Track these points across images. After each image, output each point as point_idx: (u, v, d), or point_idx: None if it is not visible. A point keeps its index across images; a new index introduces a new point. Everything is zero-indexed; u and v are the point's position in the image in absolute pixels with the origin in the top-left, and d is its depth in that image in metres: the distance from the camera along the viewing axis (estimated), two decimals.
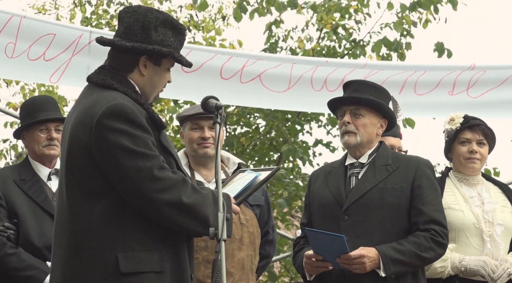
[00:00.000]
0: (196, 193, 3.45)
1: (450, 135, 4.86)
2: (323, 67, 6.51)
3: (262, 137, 11.84)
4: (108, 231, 3.39)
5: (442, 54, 10.78)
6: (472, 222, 4.67)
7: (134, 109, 3.46)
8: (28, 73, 6.21)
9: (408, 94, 6.50)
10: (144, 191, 3.37)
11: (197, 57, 6.23)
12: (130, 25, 3.60)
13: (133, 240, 3.39)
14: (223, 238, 3.37)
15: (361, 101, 4.41)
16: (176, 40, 3.64)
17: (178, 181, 3.42)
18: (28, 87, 12.43)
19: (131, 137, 3.40)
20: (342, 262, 4.18)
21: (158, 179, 3.38)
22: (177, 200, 3.39)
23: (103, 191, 3.42)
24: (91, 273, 3.39)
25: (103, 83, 3.56)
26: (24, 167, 4.86)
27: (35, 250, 4.61)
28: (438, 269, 4.58)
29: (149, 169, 3.37)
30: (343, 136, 4.45)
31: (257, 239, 4.80)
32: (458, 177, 4.86)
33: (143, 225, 3.42)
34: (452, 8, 10.91)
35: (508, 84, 6.63)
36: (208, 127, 4.76)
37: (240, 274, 4.63)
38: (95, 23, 12.37)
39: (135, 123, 3.42)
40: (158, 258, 3.42)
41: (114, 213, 3.40)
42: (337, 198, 4.39)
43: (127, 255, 3.38)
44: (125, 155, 3.38)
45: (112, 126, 3.40)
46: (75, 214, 3.46)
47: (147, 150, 3.41)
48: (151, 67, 3.61)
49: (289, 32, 11.71)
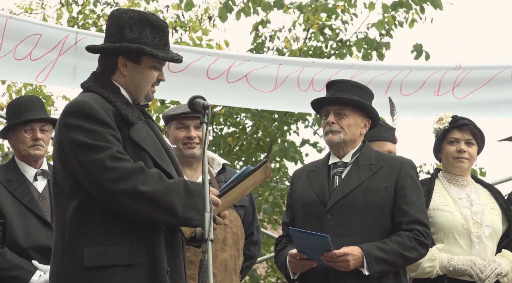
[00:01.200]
0: (159, 182, 3.43)
1: (439, 135, 4.87)
2: (310, 67, 6.52)
3: (249, 137, 11.85)
4: (79, 228, 3.43)
5: (420, 55, 10.83)
6: (460, 223, 4.68)
7: (94, 105, 3.48)
8: (14, 73, 6.21)
9: (394, 94, 6.50)
10: (100, 183, 3.38)
11: (184, 57, 6.21)
12: (108, 29, 3.66)
13: (102, 236, 3.42)
14: (210, 238, 3.37)
15: (345, 102, 4.42)
16: (156, 37, 3.64)
17: (134, 170, 3.41)
18: (15, 86, 12.39)
19: (87, 132, 3.43)
20: (326, 260, 4.19)
21: (110, 169, 3.38)
22: (132, 189, 3.38)
23: (76, 190, 3.46)
24: (63, 270, 3.45)
25: (86, 87, 3.64)
26: (11, 167, 4.85)
27: (21, 250, 4.60)
28: (426, 269, 4.60)
29: (101, 160, 3.39)
30: (327, 134, 4.45)
31: (241, 239, 4.79)
32: (447, 178, 4.87)
33: (114, 220, 3.44)
34: (433, 9, 10.97)
35: (492, 83, 6.64)
36: (194, 126, 4.77)
37: (223, 275, 4.62)
38: (82, 22, 12.34)
39: (92, 118, 3.45)
40: (129, 252, 3.43)
41: (84, 210, 3.44)
42: (320, 197, 4.39)
43: (93, 249, 3.41)
44: (80, 150, 3.41)
45: (70, 123, 3.46)
46: (57, 214, 3.55)
47: (102, 142, 3.42)
48: (131, 66, 3.63)
49: (276, 32, 11.72)
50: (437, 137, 4.89)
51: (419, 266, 4.57)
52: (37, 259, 4.60)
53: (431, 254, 4.55)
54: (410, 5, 11.06)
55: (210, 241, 3.38)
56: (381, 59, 11.23)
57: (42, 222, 4.67)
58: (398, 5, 11.04)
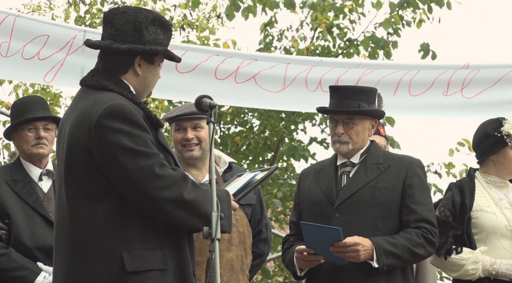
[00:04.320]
0: (197, 189, 3.47)
1: (504, 139, 4.79)
2: (318, 67, 6.51)
3: (256, 136, 11.84)
4: (111, 232, 3.40)
5: (427, 55, 10.80)
6: (504, 225, 4.69)
7: (132, 108, 3.47)
8: (22, 73, 6.19)
9: (403, 95, 6.50)
10: (147, 190, 3.38)
11: (192, 58, 6.25)
12: (121, 27, 3.60)
13: (137, 239, 3.41)
14: (217, 237, 3.37)
15: (353, 113, 4.41)
16: (165, 37, 3.66)
17: (179, 178, 3.44)
18: (23, 86, 12.39)
19: (131, 136, 3.40)
20: (336, 250, 4.18)
21: (160, 176, 3.39)
22: (179, 197, 3.40)
23: (105, 192, 3.42)
24: (96, 274, 3.39)
25: (98, 85, 3.56)
26: (16, 167, 4.85)
27: (26, 251, 4.60)
28: (470, 271, 4.61)
29: (150, 167, 3.39)
30: (335, 143, 4.45)
31: (248, 238, 4.79)
32: (486, 178, 4.85)
33: (146, 224, 3.43)
34: (439, 8, 10.93)
35: (502, 83, 6.62)
36: (191, 127, 4.76)
37: (229, 275, 4.63)
38: (89, 22, 12.35)
39: (134, 123, 3.43)
40: (162, 256, 3.43)
41: (117, 214, 3.41)
42: (328, 196, 4.39)
43: (131, 254, 3.39)
44: (125, 155, 3.39)
45: (111, 126, 3.41)
46: (77, 217, 3.46)
47: (147, 148, 3.42)
48: (145, 66, 3.62)
49: (283, 31, 11.71)
50: (500, 139, 4.82)
51: (462, 268, 4.60)
52: (42, 259, 4.60)
53: (475, 257, 4.59)
54: (417, 4, 11.02)
55: (218, 240, 3.38)
56: (388, 58, 11.22)
57: (47, 223, 4.65)
58: (406, 4, 11.00)
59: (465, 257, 4.64)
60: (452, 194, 4.78)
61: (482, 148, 4.87)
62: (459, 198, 4.75)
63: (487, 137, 4.84)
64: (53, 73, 6.10)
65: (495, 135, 4.82)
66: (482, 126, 4.94)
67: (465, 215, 4.70)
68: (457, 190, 4.79)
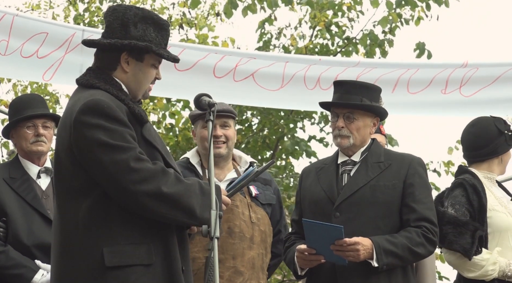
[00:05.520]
0: (179, 183, 3.46)
1: None
2: (316, 65, 6.51)
3: (255, 134, 11.84)
4: (95, 228, 3.42)
5: (422, 54, 10.80)
6: None
7: (111, 104, 3.48)
8: (21, 71, 6.20)
9: (401, 92, 6.51)
10: (123, 183, 3.39)
11: (190, 55, 6.24)
12: (110, 24, 3.63)
13: (119, 235, 3.42)
14: (216, 236, 3.38)
15: (354, 106, 4.41)
16: (159, 35, 3.65)
17: (157, 171, 3.43)
18: (20, 84, 12.39)
19: (107, 131, 3.42)
20: (336, 249, 4.18)
21: (135, 170, 3.39)
22: (156, 190, 3.40)
23: (89, 188, 3.45)
24: (79, 270, 3.42)
25: (87, 83, 3.60)
26: (14, 165, 4.85)
27: (24, 249, 4.60)
28: (489, 272, 4.57)
29: (125, 161, 3.39)
30: (336, 138, 4.45)
31: (269, 237, 4.82)
32: (486, 176, 4.79)
33: (130, 219, 3.44)
34: (438, 6, 10.93)
35: (500, 81, 6.62)
36: (220, 125, 4.78)
37: (250, 273, 4.66)
38: (88, 20, 12.34)
39: (111, 117, 3.44)
40: (147, 251, 3.44)
41: (100, 210, 3.43)
42: (328, 194, 4.40)
43: (112, 249, 3.40)
44: (101, 149, 3.40)
45: (88, 121, 3.43)
46: (63, 213, 3.51)
47: (124, 143, 3.42)
48: (133, 63, 3.62)
49: (282, 30, 11.71)
50: (510, 137, 4.79)
51: (482, 268, 4.55)
52: (40, 257, 4.60)
53: (494, 258, 4.55)
54: (415, 2, 11.02)
55: (216, 238, 3.39)
56: (384, 56, 11.22)
57: (45, 220, 4.66)
58: (403, 2, 11.00)
59: (485, 257, 4.57)
60: (467, 193, 4.66)
61: (493, 146, 4.79)
62: (476, 197, 4.65)
63: (500, 135, 4.79)
64: (52, 71, 6.11)
65: (505, 133, 4.79)
66: (488, 123, 4.84)
67: (485, 215, 4.62)
68: (472, 189, 4.67)
